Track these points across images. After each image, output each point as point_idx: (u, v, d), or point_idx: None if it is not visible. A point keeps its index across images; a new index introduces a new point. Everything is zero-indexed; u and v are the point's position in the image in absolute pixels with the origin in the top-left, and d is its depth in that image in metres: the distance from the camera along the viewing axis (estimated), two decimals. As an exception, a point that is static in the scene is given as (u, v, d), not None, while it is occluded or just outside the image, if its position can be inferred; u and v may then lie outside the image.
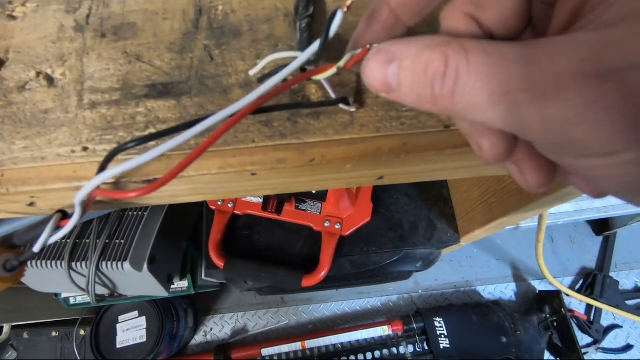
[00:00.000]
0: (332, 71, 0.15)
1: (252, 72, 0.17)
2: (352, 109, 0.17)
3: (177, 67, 0.18)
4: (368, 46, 0.16)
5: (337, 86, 0.17)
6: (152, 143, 0.16)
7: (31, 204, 0.18)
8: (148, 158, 0.13)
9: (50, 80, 0.18)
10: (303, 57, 0.15)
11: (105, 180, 0.14)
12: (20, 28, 0.18)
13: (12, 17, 0.19)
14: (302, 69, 0.16)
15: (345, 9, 0.15)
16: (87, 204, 0.16)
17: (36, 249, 0.18)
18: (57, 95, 0.17)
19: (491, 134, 0.12)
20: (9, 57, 0.18)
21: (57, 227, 0.18)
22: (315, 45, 0.15)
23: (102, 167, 0.15)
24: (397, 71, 0.11)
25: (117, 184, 0.16)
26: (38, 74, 0.18)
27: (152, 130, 0.17)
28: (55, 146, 0.17)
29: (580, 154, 0.10)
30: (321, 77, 0.15)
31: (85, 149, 0.16)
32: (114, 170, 0.14)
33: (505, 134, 0.12)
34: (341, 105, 0.17)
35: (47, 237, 0.18)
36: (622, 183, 0.10)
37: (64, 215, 0.19)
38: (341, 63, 0.15)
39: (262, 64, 0.17)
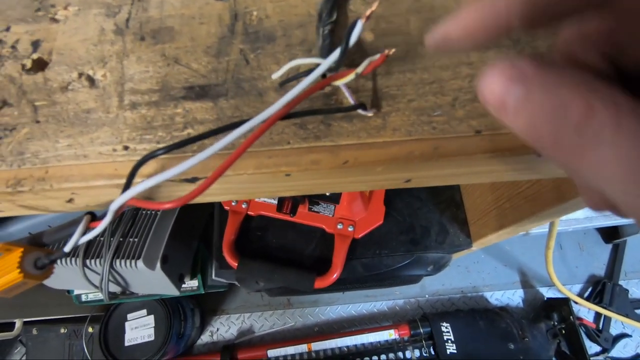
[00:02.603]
0: (350, 77, 0.15)
1: (274, 76, 0.18)
2: (370, 114, 0.17)
3: (213, 70, 0.18)
4: (387, 51, 0.17)
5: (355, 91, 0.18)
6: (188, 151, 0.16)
7: (70, 200, 0.18)
8: (185, 167, 0.13)
9: (91, 81, 0.18)
10: (324, 65, 0.15)
11: (139, 192, 0.15)
12: (63, 31, 0.19)
13: (55, 20, 0.19)
14: (322, 75, 0.16)
15: (365, 20, 0.15)
16: (120, 209, 0.17)
17: (67, 248, 0.19)
18: (98, 95, 0.18)
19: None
20: (52, 59, 0.19)
21: (87, 228, 0.19)
22: (336, 54, 0.15)
23: (132, 174, 0.15)
24: (521, 95, 0.09)
25: (157, 187, 0.16)
26: (80, 75, 0.18)
27: (190, 131, 0.17)
28: (97, 145, 0.17)
29: None
30: (340, 82, 0.16)
31: (126, 147, 0.17)
32: (149, 182, 0.14)
33: None
34: (359, 111, 0.17)
35: (78, 238, 0.18)
36: None
37: (93, 217, 0.20)
38: (359, 69, 0.15)
39: (284, 68, 0.18)
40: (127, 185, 0.15)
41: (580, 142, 0.09)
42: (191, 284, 0.62)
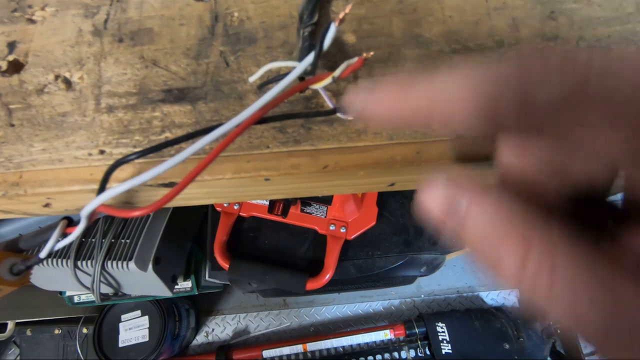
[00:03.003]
0: (327, 80, 0.15)
1: (251, 79, 0.18)
2: (350, 118, 0.17)
3: (193, 73, 0.18)
4: (364, 55, 0.16)
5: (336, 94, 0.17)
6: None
7: (47, 205, 0.18)
8: (157, 172, 0.13)
9: (68, 84, 0.18)
10: (298, 69, 0.15)
11: (110, 197, 0.14)
12: (40, 32, 0.19)
13: (32, 21, 0.19)
14: (300, 77, 0.16)
15: (338, 23, 0.15)
16: (92, 215, 0.16)
17: (42, 254, 0.18)
18: (74, 98, 0.18)
19: None
20: (28, 60, 0.18)
21: (63, 234, 0.19)
22: (310, 57, 0.15)
23: (105, 180, 0.15)
24: (464, 210, 0.09)
25: (135, 192, 0.16)
26: (56, 77, 0.18)
27: (168, 135, 0.17)
28: (72, 149, 0.17)
29: None
30: (318, 86, 0.16)
31: (102, 152, 0.17)
32: (119, 188, 0.14)
33: None
34: (338, 114, 0.17)
35: (54, 244, 0.18)
36: None
37: (69, 222, 0.20)
38: (336, 72, 0.15)
39: (260, 71, 0.17)
40: (100, 191, 0.15)
41: (520, 278, 0.09)
42: (184, 284, 0.62)
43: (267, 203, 0.47)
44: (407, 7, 0.19)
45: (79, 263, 0.49)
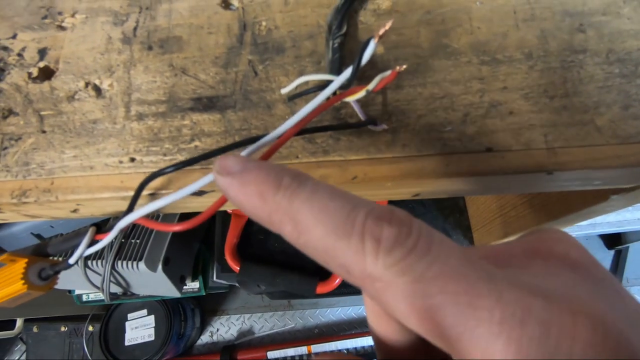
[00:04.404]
0: (361, 94, 0.15)
1: (283, 91, 0.18)
2: (379, 129, 0.17)
3: (221, 81, 0.18)
4: (398, 68, 0.16)
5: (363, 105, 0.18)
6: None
7: (74, 211, 0.18)
8: (199, 186, 0.13)
9: (98, 91, 0.18)
10: (336, 83, 0.15)
11: (146, 212, 0.14)
12: (70, 39, 0.19)
13: (62, 28, 0.19)
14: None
15: (377, 39, 0.15)
16: (126, 227, 0.16)
17: (72, 260, 0.19)
18: (105, 105, 0.18)
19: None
20: (58, 67, 0.18)
21: (93, 241, 0.19)
22: (348, 73, 0.15)
23: (140, 190, 0.15)
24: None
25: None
26: (87, 84, 0.18)
27: (197, 143, 0.17)
28: (103, 156, 0.17)
29: None
30: (351, 99, 0.16)
31: (132, 159, 0.17)
32: (161, 202, 0.14)
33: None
34: (369, 127, 0.17)
35: (83, 250, 0.18)
36: None
37: (98, 228, 0.20)
38: (370, 86, 0.15)
39: (294, 83, 0.17)
40: (133, 203, 0.15)
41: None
42: (192, 285, 0.62)
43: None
44: (435, 17, 0.19)
45: (89, 262, 0.50)
